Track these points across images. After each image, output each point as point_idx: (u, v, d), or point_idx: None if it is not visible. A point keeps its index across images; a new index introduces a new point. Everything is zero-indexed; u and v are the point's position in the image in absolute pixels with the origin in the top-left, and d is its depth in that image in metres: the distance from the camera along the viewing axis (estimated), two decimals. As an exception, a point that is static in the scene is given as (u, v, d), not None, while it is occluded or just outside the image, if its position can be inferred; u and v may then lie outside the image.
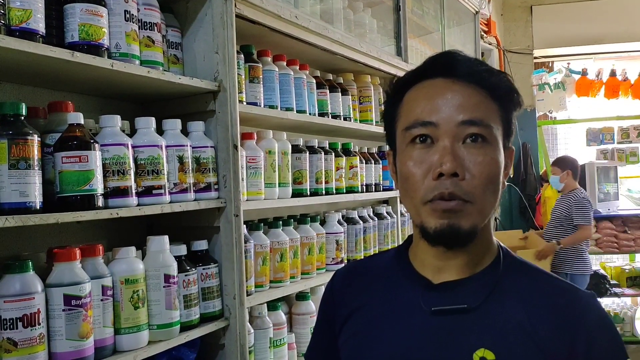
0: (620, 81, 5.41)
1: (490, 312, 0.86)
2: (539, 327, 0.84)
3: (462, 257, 0.90)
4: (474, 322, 0.86)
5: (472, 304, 0.87)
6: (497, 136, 0.87)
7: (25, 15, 1.20)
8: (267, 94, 1.93)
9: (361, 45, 2.37)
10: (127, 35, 1.44)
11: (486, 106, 0.87)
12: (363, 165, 2.50)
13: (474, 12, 4.14)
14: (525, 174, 5.47)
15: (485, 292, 0.88)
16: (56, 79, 1.45)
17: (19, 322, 1.15)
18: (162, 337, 1.46)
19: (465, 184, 0.84)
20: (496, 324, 0.85)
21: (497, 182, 0.87)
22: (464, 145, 0.85)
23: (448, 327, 0.87)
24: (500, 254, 0.93)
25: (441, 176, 0.83)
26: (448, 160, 0.83)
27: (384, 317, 0.93)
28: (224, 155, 1.67)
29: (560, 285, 0.90)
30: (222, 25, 1.65)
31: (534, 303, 0.87)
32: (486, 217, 0.88)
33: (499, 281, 0.89)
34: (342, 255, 2.29)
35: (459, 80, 0.87)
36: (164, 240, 1.51)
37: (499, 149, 0.87)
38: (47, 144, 1.30)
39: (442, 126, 0.85)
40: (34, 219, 1.16)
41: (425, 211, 0.86)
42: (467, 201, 0.84)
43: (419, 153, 0.87)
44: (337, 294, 1.03)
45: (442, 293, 0.89)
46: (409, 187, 0.88)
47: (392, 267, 0.98)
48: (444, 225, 0.84)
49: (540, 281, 0.91)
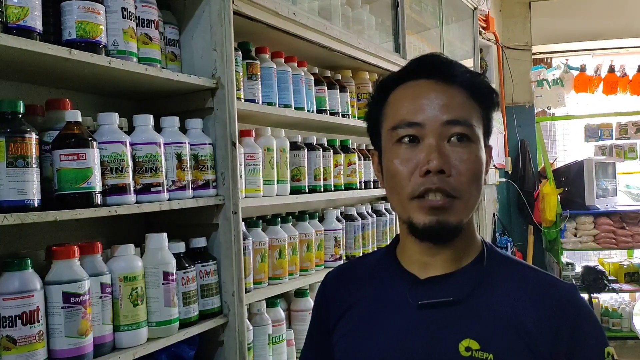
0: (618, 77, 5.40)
1: (476, 305, 0.90)
2: (524, 317, 0.87)
3: (448, 253, 0.93)
4: (459, 314, 0.89)
5: (457, 297, 0.90)
6: (479, 134, 0.91)
7: (22, 13, 1.20)
8: (265, 91, 1.93)
9: (359, 42, 2.37)
10: (124, 32, 1.44)
11: (468, 106, 0.91)
12: (361, 162, 2.50)
13: (472, 8, 4.13)
14: (524, 171, 5.46)
15: (471, 285, 0.91)
16: (54, 76, 1.45)
17: (18, 319, 1.15)
18: (161, 334, 1.46)
19: (453, 180, 0.87)
20: (481, 315, 0.89)
21: (480, 179, 0.91)
22: (449, 144, 0.89)
23: (435, 320, 0.90)
24: (484, 248, 0.96)
25: (428, 173, 0.87)
26: (435, 157, 0.87)
27: (373, 314, 0.96)
28: (222, 152, 1.67)
29: (543, 278, 0.94)
30: (219, 22, 1.65)
31: (519, 295, 0.90)
32: (471, 212, 0.92)
33: (483, 274, 0.92)
34: (341, 252, 2.29)
35: (442, 81, 0.91)
36: (163, 237, 1.51)
37: (481, 147, 0.92)
38: (45, 141, 1.30)
39: (427, 126, 0.89)
40: (33, 216, 1.16)
41: (412, 207, 0.89)
42: (454, 197, 0.87)
43: (405, 151, 0.90)
44: (329, 294, 1.06)
45: (429, 287, 0.93)
46: (396, 184, 0.91)
47: (381, 265, 1.01)
48: (432, 221, 0.88)
49: (523, 274, 0.94)
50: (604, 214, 4.83)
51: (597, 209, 4.78)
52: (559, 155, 5.88)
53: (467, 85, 0.92)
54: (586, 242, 4.77)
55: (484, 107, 0.94)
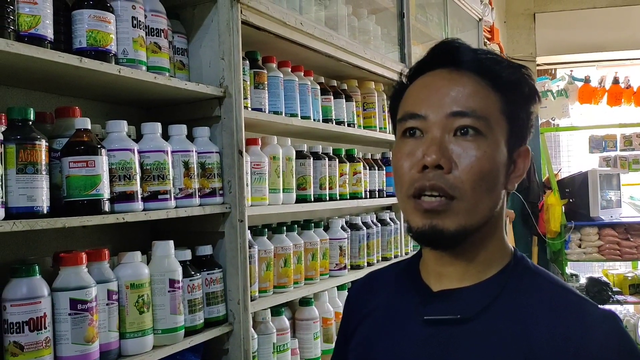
0: (623, 88, 5.41)
1: (485, 325, 0.80)
2: (534, 343, 0.76)
3: (463, 263, 0.84)
4: (465, 334, 0.80)
5: (465, 315, 0.81)
6: (496, 130, 0.81)
7: (34, 21, 1.21)
8: (272, 99, 1.94)
9: (365, 52, 2.38)
10: (134, 41, 1.45)
11: (483, 96, 0.81)
12: (367, 172, 2.50)
13: (477, 19, 4.15)
14: (529, 182, 5.45)
15: (483, 303, 0.81)
16: (64, 84, 1.46)
17: (25, 325, 1.15)
18: (166, 342, 1.46)
19: (452, 178, 0.78)
20: (487, 338, 0.79)
21: (492, 180, 0.80)
22: (455, 138, 0.80)
23: (439, 338, 0.82)
24: (512, 261, 0.86)
25: (425, 169, 0.79)
26: (432, 151, 0.78)
27: (384, 326, 0.90)
28: (229, 160, 1.68)
29: (569, 299, 0.81)
30: (228, 31, 1.66)
31: (534, 317, 0.79)
32: (478, 217, 0.81)
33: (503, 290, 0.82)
34: (346, 261, 2.29)
35: (458, 69, 0.83)
36: (169, 245, 1.51)
37: (498, 145, 0.81)
38: (55, 148, 1.31)
39: (430, 118, 0.81)
40: (42, 223, 1.17)
41: (409, 207, 0.82)
42: (452, 197, 0.78)
43: (409, 145, 0.83)
44: (352, 302, 1.01)
45: (439, 302, 0.84)
46: (397, 180, 0.84)
47: (403, 274, 0.94)
48: (425, 226, 0.79)
49: (547, 293, 0.82)
50: (608, 225, 4.81)
51: (601, 220, 4.76)
52: (563, 166, 5.87)
53: (486, 73, 0.81)
54: (590, 253, 4.76)
55: (509, 100, 0.82)
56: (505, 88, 0.82)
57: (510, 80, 0.82)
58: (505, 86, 0.82)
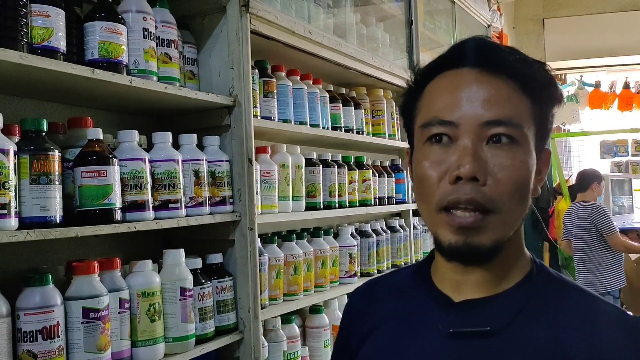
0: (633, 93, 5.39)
1: (516, 337, 0.75)
2: (571, 354, 0.72)
3: (483, 273, 0.79)
4: (496, 347, 0.75)
5: (495, 327, 0.75)
6: (529, 136, 0.76)
7: (47, 34, 1.23)
8: (281, 108, 1.96)
9: (374, 60, 2.39)
10: (145, 52, 1.47)
11: (516, 102, 0.75)
12: (376, 179, 2.51)
13: (485, 25, 4.15)
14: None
15: (512, 314, 0.76)
16: (76, 95, 1.48)
17: (38, 334, 1.17)
18: (177, 350, 1.47)
19: (488, 190, 0.72)
20: (521, 350, 0.74)
21: (526, 190, 0.76)
22: (488, 146, 0.74)
23: (467, 352, 0.76)
24: (534, 268, 0.81)
25: (459, 180, 0.73)
26: (467, 162, 0.72)
27: (399, 339, 0.84)
28: (238, 169, 1.69)
29: (602, 307, 0.78)
30: (237, 41, 1.68)
31: (568, 327, 0.74)
32: (512, 228, 0.77)
33: (529, 300, 0.78)
34: (355, 269, 2.29)
35: (487, 70, 0.76)
36: (180, 253, 1.52)
37: (530, 151, 0.76)
38: (67, 158, 1.33)
39: (463, 126, 0.74)
40: (55, 232, 1.18)
41: (440, 221, 0.75)
42: (489, 211, 0.73)
43: (436, 153, 0.76)
44: (354, 311, 0.96)
45: (463, 313, 0.78)
46: (424, 190, 0.77)
47: (412, 282, 0.88)
48: (459, 242, 0.74)
49: (578, 301, 0.78)
50: (620, 230, 4.77)
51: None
52: (574, 172, 5.84)
53: (518, 76, 0.76)
54: (602, 259, 4.71)
55: (538, 103, 0.77)
56: (535, 91, 0.77)
57: (540, 82, 0.78)
58: (536, 89, 0.77)
